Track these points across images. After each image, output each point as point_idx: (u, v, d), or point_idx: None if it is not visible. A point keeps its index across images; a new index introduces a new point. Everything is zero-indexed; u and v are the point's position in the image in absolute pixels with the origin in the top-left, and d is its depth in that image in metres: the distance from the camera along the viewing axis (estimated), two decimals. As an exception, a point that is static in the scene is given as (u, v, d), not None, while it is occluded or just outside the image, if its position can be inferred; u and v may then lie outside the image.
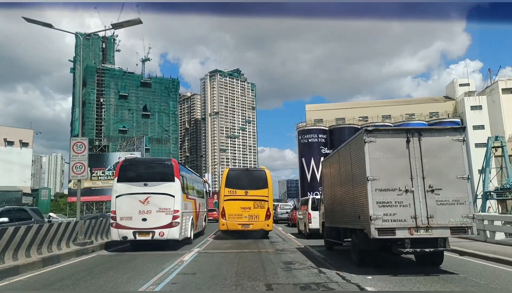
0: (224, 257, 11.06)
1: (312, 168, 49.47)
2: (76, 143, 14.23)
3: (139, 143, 57.53)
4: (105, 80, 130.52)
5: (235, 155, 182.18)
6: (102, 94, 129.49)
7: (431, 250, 7.93)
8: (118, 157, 54.21)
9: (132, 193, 13.08)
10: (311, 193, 49.65)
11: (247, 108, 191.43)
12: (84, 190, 52.83)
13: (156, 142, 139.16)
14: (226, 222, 16.70)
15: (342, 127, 50.76)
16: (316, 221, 15.84)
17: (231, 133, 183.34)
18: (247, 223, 16.69)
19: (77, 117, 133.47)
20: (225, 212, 16.78)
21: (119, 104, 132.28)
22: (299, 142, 51.57)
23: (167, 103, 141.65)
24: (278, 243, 15.29)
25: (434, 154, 8.18)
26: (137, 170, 13.90)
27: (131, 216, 12.89)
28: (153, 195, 13.00)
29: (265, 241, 15.89)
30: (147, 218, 12.83)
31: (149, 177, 13.41)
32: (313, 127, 51.23)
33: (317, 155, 50.40)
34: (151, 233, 12.75)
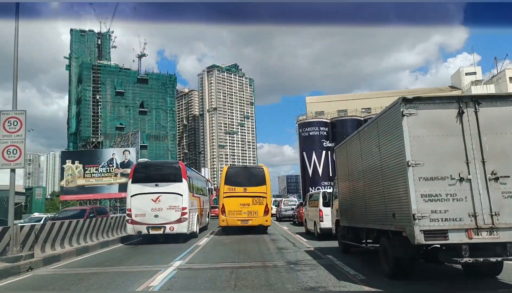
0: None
1: (313, 162, 47.34)
2: (8, 119, 10.56)
3: (133, 139, 55.44)
4: (101, 77, 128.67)
5: (234, 151, 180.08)
6: (98, 91, 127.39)
7: (497, 259, 5.80)
8: (112, 153, 52.09)
9: (145, 192, 14.67)
10: (313, 188, 47.64)
11: (245, 104, 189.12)
12: (77, 188, 50.88)
13: (154, 139, 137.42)
14: (226, 218, 17.20)
15: (344, 120, 48.59)
16: (328, 219, 13.53)
17: (230, 129, 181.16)
18: (246, 218, 17.14)
19: (74, 114, 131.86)
20: (225, 209, 17.25)
21: (116, 101, 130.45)
22: (299, 135, 49.40)
23: (164, 99, 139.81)
24: (288, 250, 11.89)
25: (497, 129, 6.10)
26: (149, 172, 15.48)
27: (144, 213, 14.47)
28: (164, 194, 14.60)
29: (271, 247, 12.62)
30: (158, 215, 14.45)
31: (159, 178, 15.03)
32: (313, 120, 49.07)
33: (318, 149, 48.26)
34: (162, 228, 14.38)
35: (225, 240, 15.15)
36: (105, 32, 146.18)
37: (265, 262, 9.53)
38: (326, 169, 48.23)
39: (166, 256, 10.89)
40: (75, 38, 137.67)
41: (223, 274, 7.79)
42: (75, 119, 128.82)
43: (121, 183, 49.69)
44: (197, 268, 8.87)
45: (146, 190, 14.70)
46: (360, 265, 8.73)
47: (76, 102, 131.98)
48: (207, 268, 8.76)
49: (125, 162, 50.25)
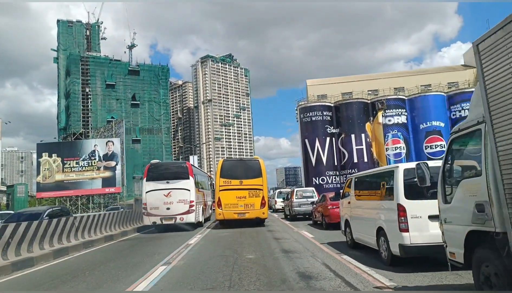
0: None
1: (317, 149, 42.86)
2: None
3: (118, 129, 50.72)
4: (90, 69, 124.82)
5: (230, 143, 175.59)
6: (87, 83, 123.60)
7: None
8: (94, 145, 47.39)
9: (158, 189, 16.89)
10: (317, 178, 43.20)
11: (241, 95, 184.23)
12: (55, 183, 46.15)
13: (147, 133, 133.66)
14: (222, 211, 17.13)
15: (349, 103, 44.06)
16: (424, 228, 6.60)
17: (226, 121, 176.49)
18: (243, 211, 17.05)
19: (63, 109, 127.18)
20: (221, 202, 17.18)
21: (106, 93, 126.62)
22: (300, 121, 44.80)
23: (157, 91, 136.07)
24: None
25: None
26: (160, 171, 17.65)
27: (158, 206, 16.64)
28: (174, 190, 16.83)
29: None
30: (170, 207, 16.64)
31: (170, 176, 17.23)
32: (316, 104, 44.49)
33: (322, 135, 43.78)
34: (173, 219, 16.62)
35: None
36: (94, 23, 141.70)
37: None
38: (331, 157, 43.80)
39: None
40: (62, 30, 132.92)
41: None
42: (64, 114, 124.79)
43: (104, 177, 45.09)
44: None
45: (159, 187, 16.97)
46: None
47: (65, 96, 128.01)
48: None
49: (109, 154, 45.57)
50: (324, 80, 51.69)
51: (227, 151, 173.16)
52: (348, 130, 43.74)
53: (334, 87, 47.19)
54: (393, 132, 42.65)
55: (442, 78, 45.69)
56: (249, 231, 15.29)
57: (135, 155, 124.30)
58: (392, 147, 42.75)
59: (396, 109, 43.05)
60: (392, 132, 42.67)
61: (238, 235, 14.18)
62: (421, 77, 46.75)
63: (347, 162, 43.57)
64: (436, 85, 44.80)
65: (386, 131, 43.01)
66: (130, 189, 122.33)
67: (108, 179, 45.49)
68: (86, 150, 45.77)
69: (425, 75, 46.16)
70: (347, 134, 43.75)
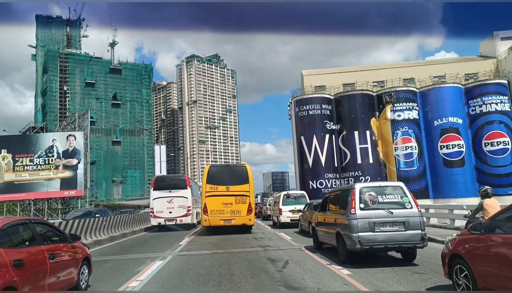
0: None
1: (314, 148, 36.93)
2: None
3: (82, 121, 43.75)
4: (69, 66, 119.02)
5: (215, 146, 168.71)
6: (66, 81, 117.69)
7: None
8: (53, 139, 40.08)
9: (162, 196, 21.04)
10: (314, 181, 37.22)
11: (227, 97, 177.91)
12: (4, 184, 38.51)
13: (129, 134, 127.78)
14: (208, 218, 17.04)
15: (352, 95, 38.28)
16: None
17: (211, 123, 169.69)
18: (229, 218, 16.95)
19: (39, 108, 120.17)
20: (207, 208, 17.10)
21: (86, 92, 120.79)
22: (295, 116, 38.81)
23: (139, 91, 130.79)
24: None
25: None
26: (165, 182, 22.18)
27: (162, 210, 20.79)
28: (175, 197, 21.01)
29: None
30: (172, 211, 20.76)
31: (172, 186, 21.59)
32: (314, 96, 38.59)
33: (320, 132, 37.92)
34: (174, 220, 20.74)
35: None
36: (75, 20, 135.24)
37: None
38: (331, 157, 37.84)
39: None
40: (41, 25, 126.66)
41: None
42: (41, 113, 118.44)
43: (64, 177, 37.60)
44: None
45: (163, 195, 21.03)
46: None
47: (41, 94, 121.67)
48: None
49: (70, 150, 38.30)
50: (322, 70, 45.92)
51: (212, 155, 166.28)
52: (350, 127, 37.92)
53: (334, 78, 41.37)
54: (403, 130, 36.96)
55: (458, 69, 40.30)
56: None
57: (115, 157, 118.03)
58: (402, 146, 37.03)
59: (406, 103, 37.43)
60: (402, 130, 36.97)
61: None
62: (434, 67, 41.38)
63: (349, 163, 37.67)
64: (452, 76, 39.29)
65: (394, 128, 37.32)
66: (109, 193, 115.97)
67: (68, 179, 37.99)
68: (43, 145, 38.27)
69: (438, 65, 40.87)
70: (349, 131, 37.90)
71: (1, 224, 4.88)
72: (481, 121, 36.85)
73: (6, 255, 4.56)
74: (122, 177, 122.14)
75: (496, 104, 36.45)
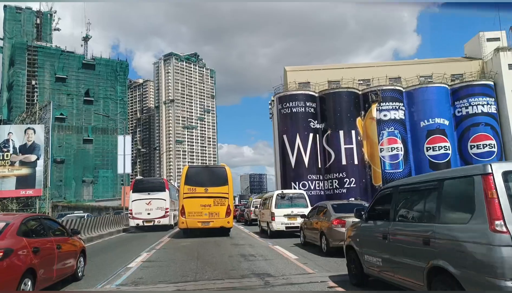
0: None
1: (297, 147, 35.01)
2: None
3: (44, 114, 40.02)
4: (38, 60, 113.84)
5: (192, 147, 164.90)
6: (34, 75, 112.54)
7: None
8: (8, 133, 36.27)
9: (141, 198, 21.75)
10: (296, 183, 35.23)
11: (205, 97, 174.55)
12: (-46, 182, 34.51)
13: (101, 133, 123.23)
14: (185, 220, 16.56)
15: (337, 93, 36.64)
16: None
17: (188, 123, 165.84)
18: (207, 220, 16.52)
19: (5, 103, 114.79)
20: (185, 210, 16.66)
21: (56, 87, 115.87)
22: (278, 113, 36.82)
23: (113, 88, 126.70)
24: None
25: None
26: (144, 185, 23.09)
27: (141, 212, 21.58)
28: (154, 199, 21.74)
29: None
30: (150, 213, 21.56)
31: (150, 188, 22.37)
32: (298, 92, 36.69)
33: (304, 130, 36.04)
34: (152, 221, 21.45)
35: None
36: (46, 12, 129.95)
37: None
38: (314, 158, 35.98)
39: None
40: (9, 16, 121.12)
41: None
42: (6, 108, 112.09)
43: (20, 175, 33.69)
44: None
45: (142, 197, 21.71)
46: None
47: (7, 88, 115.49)
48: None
49: (28, 145, 34.54)
50: (306, 67, 44.12)
51: (189, 155, 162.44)
52: (335, 126, 36.23)
53: (319, 74, 39.61)
54: (389, 130, 35.56)
55: (445, 69, 39.35)
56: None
57: (86, 156, 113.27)
58: (387, 147, 35.60)
59: (392, 103, 36.08)
60: (388, 130, 35.57)
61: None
62: (420, 67, 40.22)
63: (333, 163, 35.92)
64: (439, 76, 38.25)
65: (380, 128, 35.89)
66: (79, 193, 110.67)
67: (25, 177, 34.07)
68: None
69: (424, 65, 39.75)
70: (334, 130, 36.19)
71: (21, 218, 6.09)
72: (467, 123, 35.98)
73: (27, 242, 5.72)
74: (93, 177, 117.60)
75: (483, 106, 35.68)
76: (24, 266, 5.39)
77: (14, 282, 5.16)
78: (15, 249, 5.34)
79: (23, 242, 5.57)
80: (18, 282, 5.21)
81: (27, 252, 5.58)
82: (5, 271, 5.02)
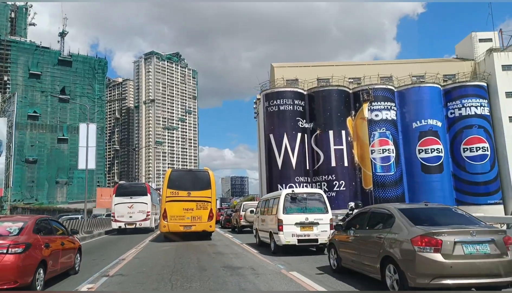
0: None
1: (284, 147, 33.03)
2: None
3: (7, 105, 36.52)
4: (11, 55, 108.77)
5: (173, 148, 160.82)
6: (6, 71, 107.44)
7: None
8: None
9: (123, 202, 22.45)
10: (283, 185, 33.15)
11: (187, 97, 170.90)
12: None
13: (77, 132, 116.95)
14: (167, 223, 16.50)
15: (327, 91, 34.91)
16: None
17: (169, 124, 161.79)
18: (189, 224, 16.43)
19: None
20: (167, 213, 16.50)
21: (30, 84, 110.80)
22: (265, 111, 34.71)
23: (91, 86, 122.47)
24: None
25: None
26: (126, 189, 23.94)
27: (123, 215, 22.27)
28: (135, 203, 22.49)
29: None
30: (132, 216, 22.31)
31: (132, 193, 23.21)
32: (286, 89, 34.72)
33: (291, 130, 34.11)
34: (134, 224, 22.27)
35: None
36: (22, 6, 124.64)
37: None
38: (302, 159, 34.03)
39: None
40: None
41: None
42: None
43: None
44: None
45: (124, 201, 22.47)
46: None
47: None
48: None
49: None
50: (295, 63, 42.18)
51: (169, 157, 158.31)
52: (324, 126, 34.44)
53: (308, 72, 37.75)
54: (380, 131, 33.98)
55: (437, 69, 38.11)
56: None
57: (61, 156, 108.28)
58: (379, 148, 34.02)
59: (384, 103, 34.55)
60: (380, 131, 33.99)
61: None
62: (412, 66, 38.83)
63: (322, 165, 34.06)
64: (432, 76, 36.91)
65: (372, 129, 34.30)
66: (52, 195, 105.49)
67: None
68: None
69: (416, 64, 38.39)
70: (323, 130, 34.34)
71: (34, 219, 7.42)
72: (460, 125, 34.80)
73: (41, 238, 7.07)
74: (67, 177, 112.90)
75: (476, 107, 34.60)
76: (39, 257, 6.59)
77: (32, 270, 6.32)
78: (32, 244, 6.51)
79: (37, 238, 6.78)
80: (34, 270, 6.38)
81: (40, 246, 6.81)
82: (25, 260, 6.19)
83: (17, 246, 6.13)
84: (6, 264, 5.93)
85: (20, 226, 6.69)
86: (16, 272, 5.98)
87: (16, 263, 5.99)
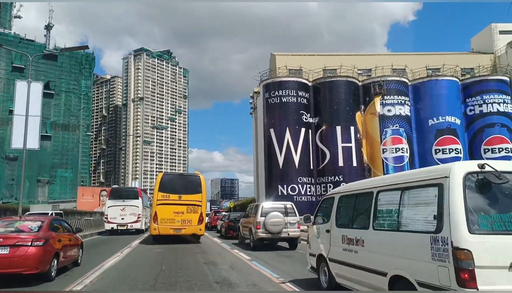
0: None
1: (286, 144, 29.33)
2: None
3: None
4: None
5: (161, 148, 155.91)
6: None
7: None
8: None
9: (116, 205, 23.70)
10: (284, 187, 29.43)
11: (178, 96, 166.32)
12: None
13: (61, 129, 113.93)
14: (158, 226, 16.74)
15: (334, 82, 31.37)
16: None
17: (158, 123, 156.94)
18: (180, 227, 16.79)
19: None
20: (157, 216, 16.85)
21: (12, 77, 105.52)
22: (265, 103, 30.96)
23: (78, 82, 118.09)
24: None
25: None
26: (119, 193, 25.67)
27: (115, 217, 23.51)
28: (127, 206, 23.73)
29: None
30: (124, 218, 23.50)
31: (125, 196, 24.62)
32: (288, 79, 31.12)
33: (294, 124, 30.46)
34: (126, 225, 23.51)
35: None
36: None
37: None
38: (306, 157, 30.39)
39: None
40: None
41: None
42: None
43: None
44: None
45: (117, 203, 23.72)
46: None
47: None
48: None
49: None
50: (298, 53, 38.60)
51: (158, 157, 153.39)
52: (331, 121, 30.87)
53: (313, 61, 34.19)
54: (393, 128, 30.52)
55: (454, 62, 34.65)
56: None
57: (43, 154, 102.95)
58: (391, 147, 30.54)
59: (398, 97, 31.13)
60: (392, 128, 30.53)
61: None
62: (427, 58, 35.43)
63: (328, 165, 30.40)
64: (451, 69, 33.47)
65: (383, 125, 30.83)
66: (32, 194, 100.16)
67: None
68: None
69: (432, 56, 35.11)
70: (329, 126, 30.66)
71: (49, 219, 9.19)
72: (480, 123, 31.52)
73: (55, 235, 8.68)
74: (50, 176, 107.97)
75: (498, 104, 31.43)
76: (54, 250, 8.23)
77: (49, 259, 7.95)
78: (49, 238, 8.14)
79: (52, 234, 8.48)
80: (51, 260, 8.01)
81: (55, 241, 8.53)
82: (45, 252, 7.75)
83: (38, 240, 7.71)
84: (30, 254, 7.48)
85: (39, 224, 8.39)
86: (38, 261, 7.56)
87: (38, 254, 7.58)
